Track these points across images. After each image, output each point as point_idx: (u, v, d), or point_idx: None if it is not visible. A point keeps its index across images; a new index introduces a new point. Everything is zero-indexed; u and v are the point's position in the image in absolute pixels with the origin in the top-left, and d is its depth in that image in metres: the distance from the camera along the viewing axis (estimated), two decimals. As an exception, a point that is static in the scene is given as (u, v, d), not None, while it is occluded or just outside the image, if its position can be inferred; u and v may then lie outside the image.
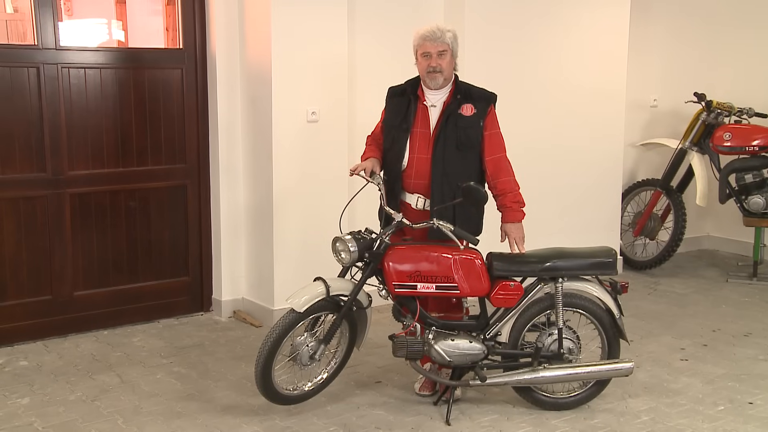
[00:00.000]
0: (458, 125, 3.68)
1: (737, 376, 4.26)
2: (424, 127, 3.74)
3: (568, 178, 5.86)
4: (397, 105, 3.83)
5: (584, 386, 3.84)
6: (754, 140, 5.90)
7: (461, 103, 3.71)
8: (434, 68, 3.68)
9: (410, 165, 3.75)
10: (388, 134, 3.82)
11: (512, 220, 3.77)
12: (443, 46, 3.68)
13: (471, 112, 3.70)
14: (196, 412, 3.74)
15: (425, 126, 3.74)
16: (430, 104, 3.75)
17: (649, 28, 6.48)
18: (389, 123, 3.83)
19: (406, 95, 3.80)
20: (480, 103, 3.72)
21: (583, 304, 3.75)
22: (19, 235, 4.54)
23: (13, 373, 4.17)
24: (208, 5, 4.90)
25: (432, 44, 3.68)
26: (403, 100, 3.81)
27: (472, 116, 3.69)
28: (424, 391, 3.94)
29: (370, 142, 3.97)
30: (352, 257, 3.57)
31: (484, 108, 3.72)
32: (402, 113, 3.77)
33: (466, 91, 3.76)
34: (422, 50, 3.71)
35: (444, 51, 3.68)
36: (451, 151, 3.68)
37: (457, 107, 3.70)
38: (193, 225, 5.10)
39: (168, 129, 4.94)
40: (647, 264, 6.34)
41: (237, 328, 4.94)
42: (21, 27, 5.36)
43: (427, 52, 3.69)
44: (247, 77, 4.91)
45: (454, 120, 3.69)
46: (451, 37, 3.71)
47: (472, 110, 3.70)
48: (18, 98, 4.45)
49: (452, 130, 3.68)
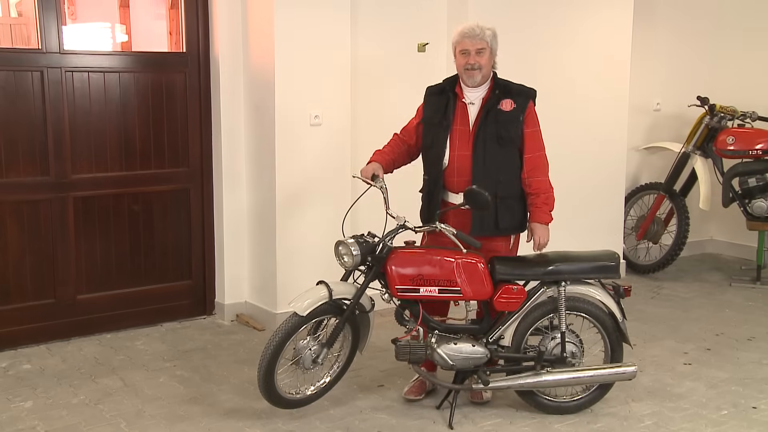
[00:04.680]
0: (498, 120, 3.69)
1: (741, 380, 4.25)
2: (463, 124, 3.75)
3: (571, 182, 5.84)
4: (436, 103, 3.83)
5: (587, 390, 3.84)
6: (757, 144, 5.89)
7: (500, 99, 3.72)
8: (472, 65, 3.69)
9: (451, 163, 3.76)
10: (428, 133, 3.83)
11: (540, 221, 3.78)
12: (482, 43, 3.69)
13: (510, 107, 3.71)
14: (198, 416, 3.74)
15: (465, 123, 3.75)
16: (469, 101, 3.77)
17: (652, 31, 6.48)
18: (429, 121, 3.83)
19: (445, 93, 3.81)
20: (519, 98, 3.74)
21: (586, 307, 3.75)
22: (22, 238, 4.55)
23: (16, 377, 4.18)
24: (211, 9, 4.91)
25: (471, 41, 3.69)
26: (442, 98, 3.81)
27: (512, 111, 3.71)
28: (410, 395, 3.92)
29: (391, 143, 3.96)
30: (355, 261, 3.58)
31: (524, 103, 3.74)
32: (441, 111, 3.78)
33: (505, 86, 3.77)
34: (461, 47, 3.73)
35: (482, 49, 3.69)
36: (491, 146, 3.69)
37: (497, 103, 3.72)
38: (196, 228, 5.11)
39: (171, 132, 4.95)
40: (650, 268, 6.33)
41: (240, 332, 4.94)
42: (25, 31, 5.39)
43: (466, 50, 3.70)
44: (250, 81, 4.92)
45: (494, 115, 3.70)
46: (491, 35, 3.73)
47: (512, 105, 3.71)
48: (22, 102, 4.46)
49: (492, 126, 3.69)
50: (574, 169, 5.83)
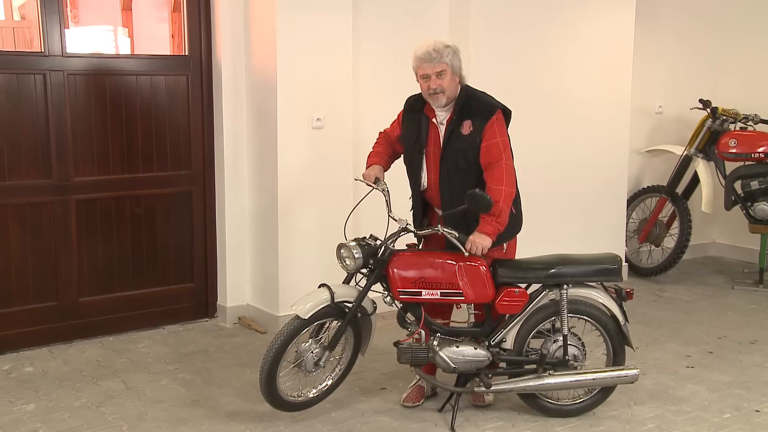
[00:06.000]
0: (457, 148, 3.61)
1: (744, 383, 4.24)
2: (435, 146, 3.70)
3: (573, 185, 5.85)
4: (411, 121, 3.77)
5: (589, 393, 3.83)
6: (759, 147, 5.89)
7: (461, 120, 3.63)
8: (434, 90, 3.60)
9: (429, 185, 3.74)
10: (406, 152, 3.80)
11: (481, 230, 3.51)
12: (441, 66, 3.57)
13: (468, 131, 3.60)
14: (200, 419, 3.74)
15: (436, 146, 3.70)
16: (439, 122, 3.71)
17: (654, 34, 6.48)
18: (405, 142, 3.80)
19: (417, 113, 3.74)
20: (478, 119, 3.59)
21: (588, 310, 3.75)
22: (24, 241, 4.55)
23: (18, 379, 4.18)
24: (213, 12, 4.92)
25: (429, 66, 3.58)
26: (416, 117, 3.75)
27: (469, 135, 3.59)
28: (408, 403, 3.90)
29: (380, 141, 3.94)
30: (357, 264, 3.58)
31: (481, 125, 3.59)
32: (416, 133, 3.73)
33: (466, 106, 3.64)
34: (421, 72, 3.63)
35: (443, 71, 3.57)
36: (453, 171, 3.64)
37: (458, 125, 3.63)
38: (198, 231, 5.11)
39: (173, 135, 4.96)
40: (652, 271, 6.32)
41: (242, 335, 4.94)
42: (28, 34, 5.40)
43: (426, 74, 3.61)
44: (252, 84, 4.92)
45: (455, 139, 3.62)
46: (450, 54, 3.58)
47: (470, 128, 3.60)
48: (25, 105, 4.47)
49: (452, 152, 3.63)
50: (576, 172, 5.83)
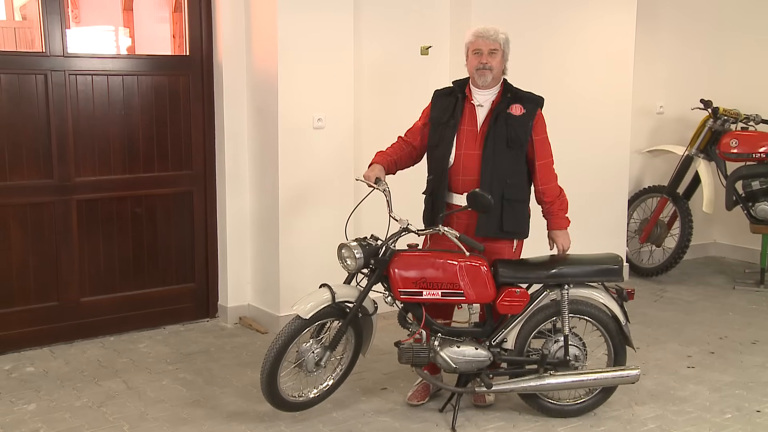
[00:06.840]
0: (508, 123, 3.72)
1: (745, 383, 4.24)
2: (471, 125, 3.77)
3: (574, 185, 5.79)
4: (443, 104, 3.85)
5: (590, 393, 3.83)
6: (760, 147, 5.90)
7: (510, 104, 3.76)
8: (484, 65, 3.72)
9: (457, 161, 3.77)
10: (435, 132, 3.84)
11: (559, 227, 3.85)
12: (495, 45, 3.74)
13: (521, 112, 3.74)
14: (201, 419, 3.74)
15: (472, 124, 3.77)
16: (478, 103, 3.79)
17: (655, 34, 6.48)
18: (436, 121, 3.85)
19: (454, 94, 3.84)
20: (529, 104, 3.78)
21: (589, 310, 3.75)
22: (26, 241, 4.55)
23: (19, 379, 4.18)
24: (214, 12, 4.92)
25: (484, 42, 3.74)
26: (450, 99, 3.84)
27: (522, 116, 3.74)
28: (413, 401, 3.92)
29: (395, 144, 3.97)
30: (358, 264, 3.58)
31: (533, 110, 3.77)
32: (449, 111, 3.80)
33: (515, 92, 3.81)
34: (474, 47, 3.76)
35: (495, 50, 3.74)
36: (501, 148, 3.71)
37: (507, 107, 3.75)
38: (199, 231, 5.12)
39: (174, 135, 4.96)
40: (653, 271, 6.32)
41: (243, 335, 4.94)
42: (29, 34, 5.40)
43: (479, 49, 3.74)
44: (253, 84, 4.93)
45: (504, 118, 3.73)
46: (504, 39, 3.78)
47: (522, 110, 3.75)
48: (26, 105, 4.47)
49: (502, 128, 3.71)
50: (577, 172, 5.81)
